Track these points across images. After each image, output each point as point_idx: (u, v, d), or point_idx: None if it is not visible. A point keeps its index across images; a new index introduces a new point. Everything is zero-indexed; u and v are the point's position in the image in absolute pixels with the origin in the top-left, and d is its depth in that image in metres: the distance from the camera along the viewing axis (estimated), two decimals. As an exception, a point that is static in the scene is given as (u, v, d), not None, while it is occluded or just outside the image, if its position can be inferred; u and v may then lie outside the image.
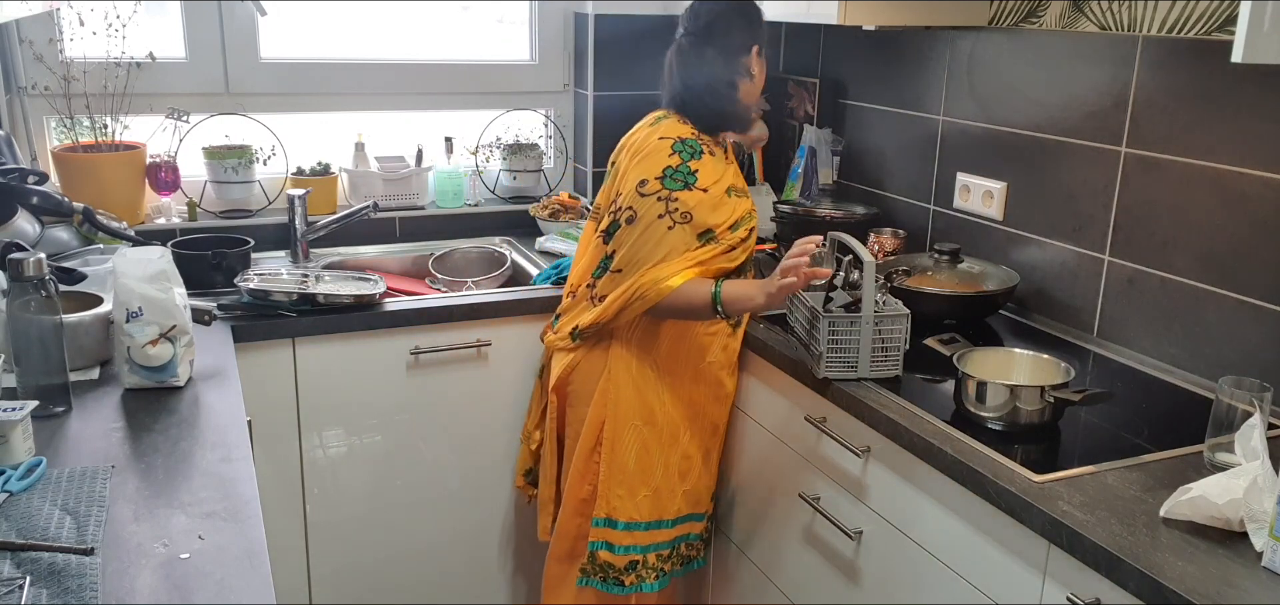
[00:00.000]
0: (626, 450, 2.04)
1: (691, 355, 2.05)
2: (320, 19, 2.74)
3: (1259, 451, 1.34)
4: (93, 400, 1.64)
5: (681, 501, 2.12)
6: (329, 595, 2.35)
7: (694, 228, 1.92)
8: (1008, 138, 2.22)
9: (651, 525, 2.08)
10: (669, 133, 1.99)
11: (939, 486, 1.60)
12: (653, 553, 2.10)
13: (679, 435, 2.07)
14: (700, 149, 1.97)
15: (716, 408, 2.12)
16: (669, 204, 1.92)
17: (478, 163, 2.90)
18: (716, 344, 2.06)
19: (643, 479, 2.06)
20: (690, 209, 1.92)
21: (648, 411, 2.04)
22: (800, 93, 2.90)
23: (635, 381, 2.03)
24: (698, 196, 1.93)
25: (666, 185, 1.92)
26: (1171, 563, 1.24)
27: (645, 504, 2.06)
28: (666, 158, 1.94)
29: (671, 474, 2.08)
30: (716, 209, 1.95)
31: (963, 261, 2.22)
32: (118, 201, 2.41)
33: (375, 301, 2.26)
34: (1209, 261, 1.83)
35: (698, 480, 2.13)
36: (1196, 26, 1.81)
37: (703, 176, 1.94)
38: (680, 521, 2.13)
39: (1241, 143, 1.75)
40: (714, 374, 2.07)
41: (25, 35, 2.39)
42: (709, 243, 1.95)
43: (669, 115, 2.03)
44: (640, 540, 2.08)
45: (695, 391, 2.08)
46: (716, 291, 1.90)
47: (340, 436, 2.28)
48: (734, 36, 2.00)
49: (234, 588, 1.14)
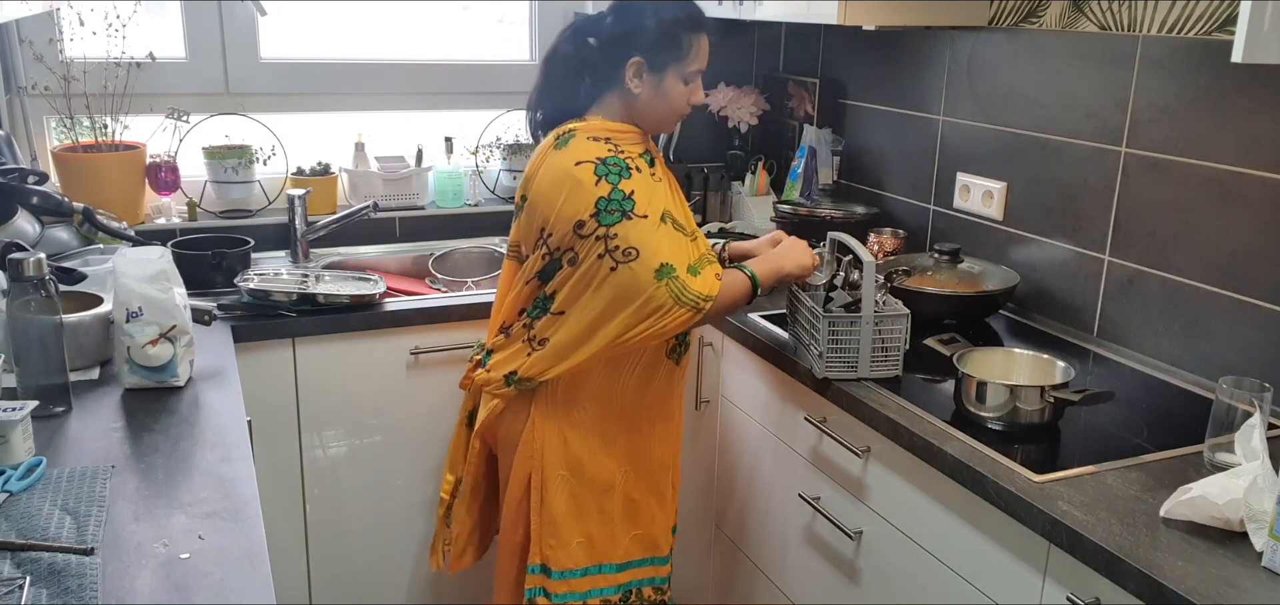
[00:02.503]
0: (554, 499, 1.90)
1: (625, 399, 1.90)
2: (320, 19, 2.74)
3: (1259, 451, 1.34)
4: (93, 400, 1.64)
5: (631, 546, 1.98)
6: (329, 595, 2.35)
7: (647, 265, 1.71)
8: (1008, 138, 2.22)
9: (590, 571, 1.95)
10: (583, 155, 1.75)
11: (939, 486, 1.60)
12: (596, 598, 1.96)
13: (614, 483, 1.93)
14: (625, 165, 1.75)
15: (662, 447, 1.99)
16: (608, 244, 1.71)
17: (478, 163, 2.90)
18: (655, 382, 1.92)
19: (575, 528, 1.92)
20: (634, 244, 1.71)
21: (575, 462, 1.89)
22: (800, 93, 2.90)
23: (560, 430, 1.88)
24: (641, 228, 1.72)
25: (602, 221, 1.71)
26: (1171, 563, 1.24)
27: (580, 552, 1.93)
28: (595, 188, 1.71)
29: (610, 520, 1.94)
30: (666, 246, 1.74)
31: (963, 261, 2.22)
32: (118, 201, 2.41)
33: (375, 301, 2.26)
34: (1209, 261, 1.83)
35: (651, 524, 2.00)
36: (1196, 26, 1.81)
37: (640, 200, 1.73)
38: (630, 566, 1.99)
39: (1241, 143, 1.75)
40: (655, 413, 1.94)
41: (25, 35, 2.39)
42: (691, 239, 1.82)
43: (574, 133, 1.79)
44: (577, 587, 1.94)
45: (633, 438, 1.93)
46: (751, 274, 1.83)
47: (340, 436, 2.28)
48: (609, 42, 1.82)
49: (234, 588, 1.14)
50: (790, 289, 1.98)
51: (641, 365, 1.89)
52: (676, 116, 1.86)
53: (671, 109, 1.83)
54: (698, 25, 1.81)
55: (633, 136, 1.85)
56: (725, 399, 2.27)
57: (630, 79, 1.80)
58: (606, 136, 1.80)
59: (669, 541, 2.05)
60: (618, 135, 1.82)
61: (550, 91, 1.89)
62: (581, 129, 1.80)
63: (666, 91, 1.81)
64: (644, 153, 1.85)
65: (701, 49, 1.82)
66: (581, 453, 1.90)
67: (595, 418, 1.90)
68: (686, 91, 1.83)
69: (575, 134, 1.79)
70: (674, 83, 1.81)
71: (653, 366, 1.91)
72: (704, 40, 1.82)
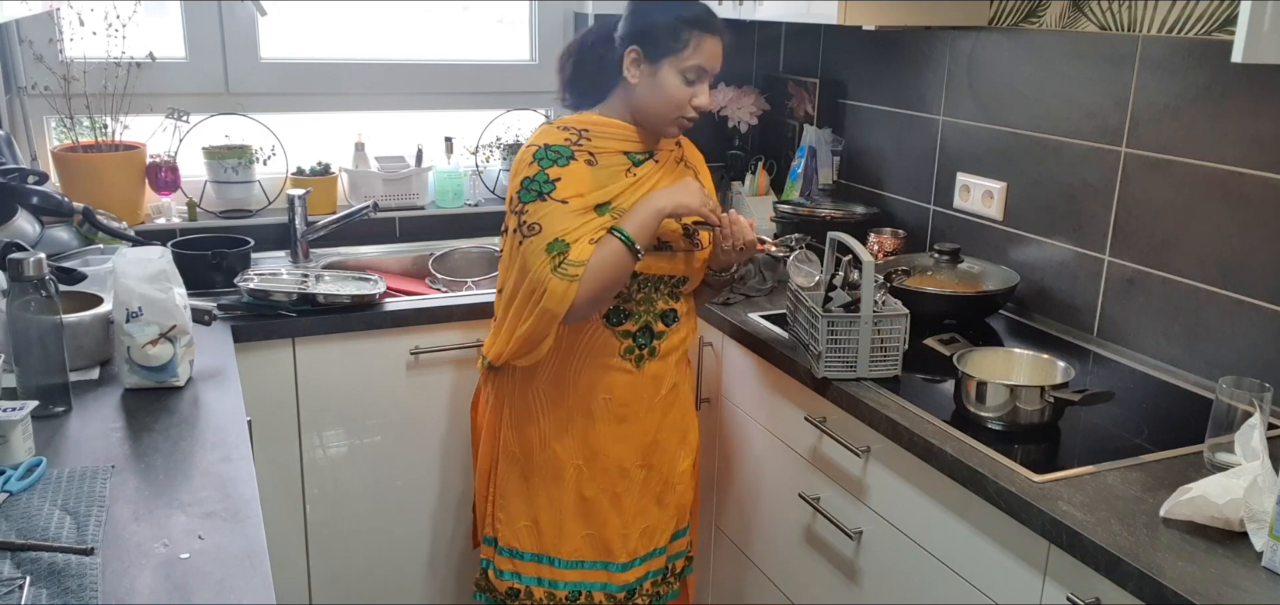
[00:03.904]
0: (506, 474, 1.95)
1: (577, 393, 1.89)
2: (320, 19, 2.74)
3: (1259, 451, 1.34)
4: (93, 400, 1.64)
5: (582, 545, 1.95)
6: (329, 595, 2.36)
7: (542, 240, 1.71)
8: (1008, 138, 2.22)
9: (536, 558, 1.96)
10: (538, 139, 1.81)
11: (939, 486, 1.60)
12: (541, 588, 1.96)
13: (563, 475, 1.92)
14: (569, 154, 1.77)
15: (621, 449, 1.93)
16: (521, 219, 1.74)
17: (478, 163, 2.90)
18: (610, 381, 1.88)
19: (523, 508, 1.94)
20: (537, 221, 1.72)
21: (526, 443, 1.92)
22: (800, 93, 2.90)
23: (514, 416, 1.92)
24: (551, 209, 1.72)
25: (521, 198, 1.75)
26: (1171, 563, 1.24)
27: (526, 534, 1.95)
28: (526, 168, 1.77)
29: (559, 511, 1.93)
30: (572, 224, 1.73)
31: (963, 261, 2.22)
32: (118, 201, 2.41)
33: (375, 301, 2.26)
34: (1209, 261, 1.83)
35: (604, 526, 1.95)
36: (1196, 26, 1.81)
37: (563, 186, 1.74)
38: (581, 565, 1.96)
39: (1241, 143, 1.75)
40: (613, 413, 1.90)
41: (25, 35, 2.39)
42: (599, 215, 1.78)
43: (551, 120, 1.86)
44: (523, 570, 1.96)
45: (587, 435, 1.91)
46: (621, 233, 1.73)
47: (340, 436, 2.28)
48: (618, 36, 1.84)
49: (234, 588, 1.14)
50: (790, 290, 1.98)
51: (590, 360, 1.87)
52: (675, 112, 1.81)
53: (669, 103, 1.80)
54: (702, 24, 1.79)
55: (621, 133, 1.84)
56: (725, 399, 2.27)
57: (628, 68, 1.81)
58: (582, 128, 1.82)
59: (627, 549, 1.98)
60: (598, 128, 1.83)
61: (569, 87, 1.94)
62: (563, 118, 1.86)
63: (662, 83, 1.79)
64: (634, 152, 1.84)
65: (704, 48, 1.79)
66: (532, 436, 1.93)
67: (546, 405, 1.91)
68: (687, 91, 1.80)
69: (551, 121, 1.85)
70: (670, 75, 1.79)
71: (604, 365, 1.87)
72: (709, 41, 1.79)
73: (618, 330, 1.87)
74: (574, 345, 1.86)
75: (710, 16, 1.82)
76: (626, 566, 1.99)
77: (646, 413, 1.94)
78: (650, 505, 2.00)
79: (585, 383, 1.89)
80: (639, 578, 2.01)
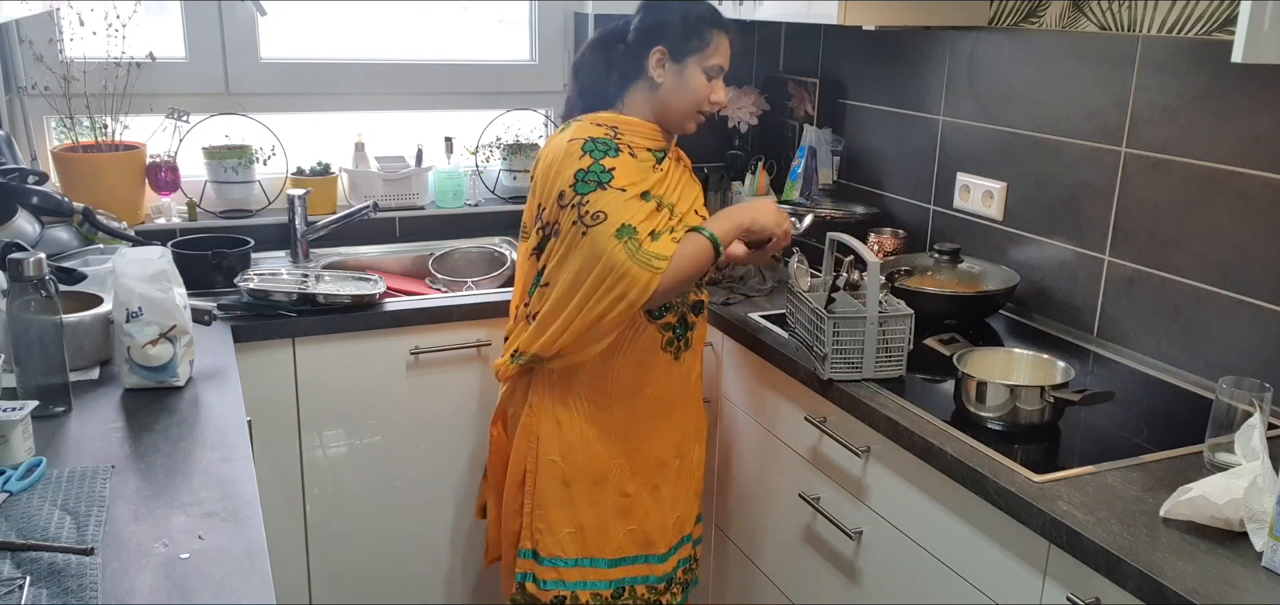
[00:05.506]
0: (546, 484, 1.94)
1: (619, 391, 1.92)
2: (320, 19, 2.74)
3: (1259, 451, 1.34)
4: (93, 400, 1.64)
5: (624, 541, 1.98)
6: (329, 595, 2.36)
7: (609, 227, 1.74)
8: (1008, 138, 2.22)
9: (580, 563, 1.96)
10: (578, 133, 1.82)
11: (939, 486, 1.60)
12: (586, 591, 1.97)
13: (607, 475, 1.94)
14: (615, 146, 1.81)
15: (660, 442, 1.98)
16: (580, 210, 1.76)
17: (478, 163, 2.90)
18: (653, 377, 1.93)
19: (565, 516, 1.94)
20: (602, 209, 1.75)
21: (567, 448, 1.92)
22: (800, 93, 2.90)
23: (555, 414, 1.92)
24: (613, 197, 1.76)
25: (578, 190, 1.77)
26: (1171, 563, 1.24)
27: (569, 541, 1.95)
28: (577, 161, 1.78)
29: (603, 511, 1.95)
30: (635, 210, 1.77)
31: (963, 261, 2.22)
32: (118, 201, 2.41)
33: (375, 301, 2.27)
34: (1209, 261, 1.83)
35: (646, 519, 1.99)
36: (1196, 26, 1.81)
37: (619, 175, 1.78)
38: (623, 562, 1.99)
39: (1241, 143, 1.75)
40: (653, 408, 1.95)
41: (25, 35, 2.39)
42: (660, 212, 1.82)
43: (581, 118, 1.88)
44: (567, 576, 1.96)
45: (628, 431, 1.94)
46: (710, 234, 1.80)
47: (340, 436, 2.28)
48: (635, 36, 1.88)
49: (234, 588, 1.14)
50: (790, 291, 1.98)
51: (635, 356, 1.90)
52: (697, 109, 1.90)
53: (693, 99, 1.88)
54: (719, 22, 1.89)
55: (645, 132, 1.89)
56: (725, 399, 2.27)
57: (654, 68, 1.86)
58: (613, 126, 1.86)
59: (665, 539, 2.03)
60: (627, 127, 1.87)
61: (582, 93, 1.95)
62: (592, 116, 1.88)
63: (688, 80, 1.87)
64: (656, 149, 1.89)
65: (722, 46, 1.89)
66: (574, 439, 1.92)
67: (589, 406, 1.92)
68: (707, 86, 1.88)
69: (582, 118, 1.87)
70: (695, 73, 1.87)
71: (648, 360, 1.92)
72: (725, 40, 1.89)
73: (659, 323, 1.90)
74: (619, 341, 1.87)
75: (722, 15, 1.92)
76: (665, 557, 2.04)
77: (682, 404, 2.01)
78: (682, 494, 2.06)
79: (629, 378, 1.92)
80: (675, 566, 2.07)
